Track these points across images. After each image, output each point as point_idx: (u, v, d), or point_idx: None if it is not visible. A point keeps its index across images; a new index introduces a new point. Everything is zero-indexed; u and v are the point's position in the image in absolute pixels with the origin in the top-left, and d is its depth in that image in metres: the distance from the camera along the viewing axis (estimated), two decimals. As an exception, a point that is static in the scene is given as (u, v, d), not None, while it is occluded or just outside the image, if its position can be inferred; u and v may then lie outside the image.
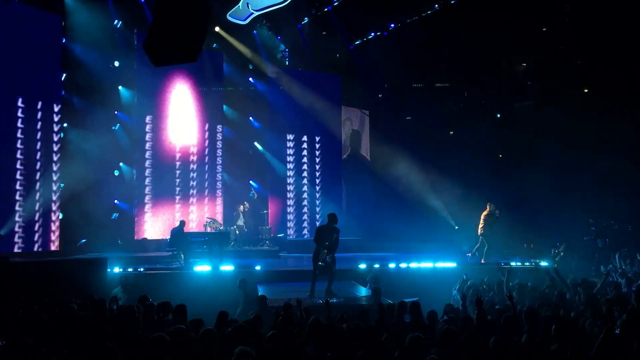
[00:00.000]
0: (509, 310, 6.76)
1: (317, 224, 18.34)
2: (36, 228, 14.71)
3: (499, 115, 21.04)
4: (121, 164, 18.11)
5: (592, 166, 16.97)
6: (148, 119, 17.32)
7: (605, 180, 16.66)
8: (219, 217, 17.93)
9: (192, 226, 17.42)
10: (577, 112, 17.28)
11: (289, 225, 19.28)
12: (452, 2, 17.66)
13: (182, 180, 17.74)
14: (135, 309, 7.21)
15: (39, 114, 14.97)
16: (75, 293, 8.63)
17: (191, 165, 17.95)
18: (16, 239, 14.00)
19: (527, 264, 13.94)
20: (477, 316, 6.50)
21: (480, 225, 14.57)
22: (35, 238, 14.67)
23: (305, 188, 19.82)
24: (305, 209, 19.56)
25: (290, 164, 19.76)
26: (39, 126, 14.95)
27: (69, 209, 15.93)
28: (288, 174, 19.68)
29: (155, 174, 17.31)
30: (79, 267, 11.46)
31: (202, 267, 13.06)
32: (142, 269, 12.69)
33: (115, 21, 17.13)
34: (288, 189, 19.60)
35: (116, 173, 18.14)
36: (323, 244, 10.66)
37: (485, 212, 14.60)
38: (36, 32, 14.93)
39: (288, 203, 19.50)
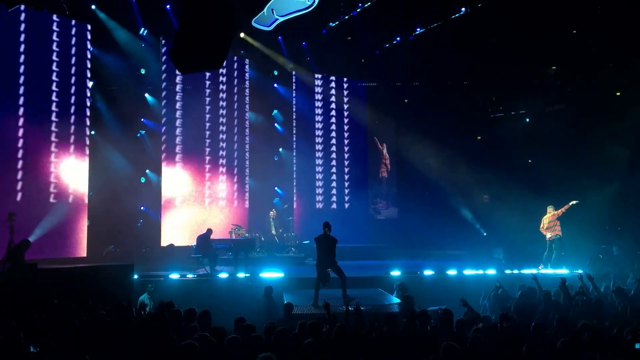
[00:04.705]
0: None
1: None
2: (64, 235, 14.87)
3: (527, 120, 20.70)
4: (147, 170, 18.26)
5: (624, 171, 16.60)
6: (173, 125, 17.39)
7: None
8: (245, 224, 17.92)
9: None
10: (610, 115, 16.92)
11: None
12: (480, 5, 17.45)
13: (206, 185, 17.81)
14: (165, 315, 7.22)
15: (67, 121, 15.16)
16: (102, 299, 8.66)
17: (218, 172, 18.02)
18: (44, 246, 14.14)
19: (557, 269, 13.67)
20: (502, 329, 6.37)
21: (550, 232, 14.16)
22: (63, 245, 14.83)
23: (331, 195, 19.71)
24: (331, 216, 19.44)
25: (314, 169, 19.69)
26: (66, 133, 15.14)
27: (96, 215, 16.11)
28: (312, 178, 19.61)
29: (182, 180, 17.41)
30: (106, 273, 11.49)
31: (227, 275, 13.07)
32: (168, 276, 12.71)
33: (142, 29, 17.32)
34: (310, 193, 19.51)
35: (142, 180, 18.32)
36: (326, 260, 10.58)
37: (549, 216, 14.23)
38: (65, 40, 15.20)
39: (317, 207, 19.45)
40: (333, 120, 19.94)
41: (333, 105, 19.95)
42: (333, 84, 20.06)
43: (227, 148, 18.21)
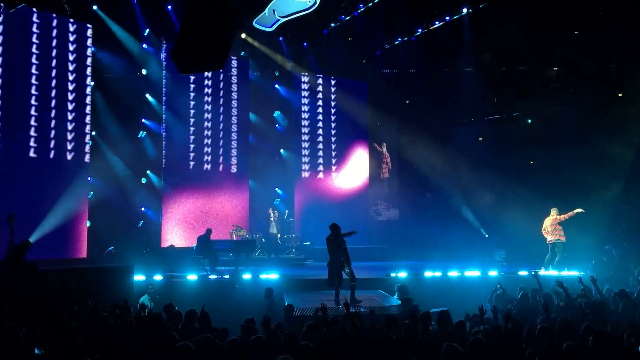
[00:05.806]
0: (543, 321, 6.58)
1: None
2: (64, 236, 14.84)
3: (529, 121, 20.66)
4: (148, 171, 18.23)
5: (628, 172, 16.57)
6: (174, 126, 17.34)
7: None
8: (245, 225, 17.87)
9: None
10: (612, 116, 16.89)
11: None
12: (481, 5, 17.44)
13: (207, 186, 17.78)
14: (164, 316, 7.21)
15: (68, 121, 15.14)
16: (102, 300, 8.65)
17: (219, 172, 17.98)
18: (45, 246, 14.11)
19: (561, 272, 13.61)
20: (504, 329, 6.33)
21: (553, 234, 14.00)
22: (64, 245, 14.80)
23: (331, 195, 19.66)
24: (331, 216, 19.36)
25: (315, 170, 19.67)
26: (68, 133, 15.12)
27: (97, 216, 16.08)
28: (313, 180, 19.59)
29: (179, 181, 17.37)
30: (106, 274, 11.49)
31: (225, 276, 13.07)
32: (168, 277, 12.67)
33: (143, 30, 17.30)
34: (312, 194, 19.49)
35: (143, 181, 18.28)
36: (339, 256, 10.62)
37: (551, 218, 14.11)
38: (67, 41, 15.20)
39: (317, 207, 19.34)
40: (334, 120, 19.90)
41: (334, 105, 19.91)
42: (334, 84, 20.03)
43: (227, 148, 18.17)
